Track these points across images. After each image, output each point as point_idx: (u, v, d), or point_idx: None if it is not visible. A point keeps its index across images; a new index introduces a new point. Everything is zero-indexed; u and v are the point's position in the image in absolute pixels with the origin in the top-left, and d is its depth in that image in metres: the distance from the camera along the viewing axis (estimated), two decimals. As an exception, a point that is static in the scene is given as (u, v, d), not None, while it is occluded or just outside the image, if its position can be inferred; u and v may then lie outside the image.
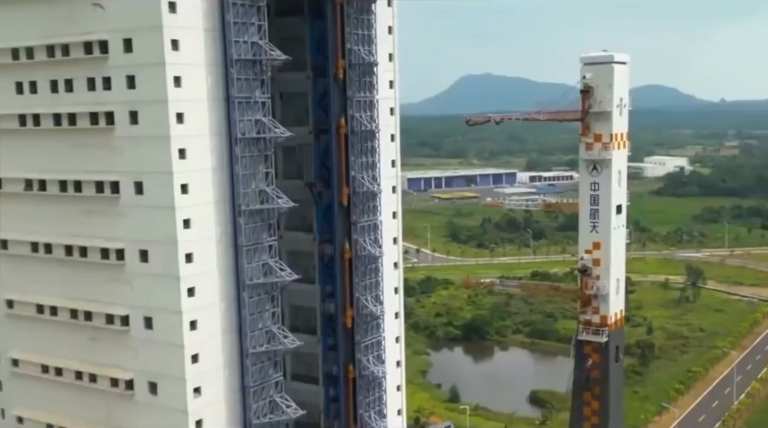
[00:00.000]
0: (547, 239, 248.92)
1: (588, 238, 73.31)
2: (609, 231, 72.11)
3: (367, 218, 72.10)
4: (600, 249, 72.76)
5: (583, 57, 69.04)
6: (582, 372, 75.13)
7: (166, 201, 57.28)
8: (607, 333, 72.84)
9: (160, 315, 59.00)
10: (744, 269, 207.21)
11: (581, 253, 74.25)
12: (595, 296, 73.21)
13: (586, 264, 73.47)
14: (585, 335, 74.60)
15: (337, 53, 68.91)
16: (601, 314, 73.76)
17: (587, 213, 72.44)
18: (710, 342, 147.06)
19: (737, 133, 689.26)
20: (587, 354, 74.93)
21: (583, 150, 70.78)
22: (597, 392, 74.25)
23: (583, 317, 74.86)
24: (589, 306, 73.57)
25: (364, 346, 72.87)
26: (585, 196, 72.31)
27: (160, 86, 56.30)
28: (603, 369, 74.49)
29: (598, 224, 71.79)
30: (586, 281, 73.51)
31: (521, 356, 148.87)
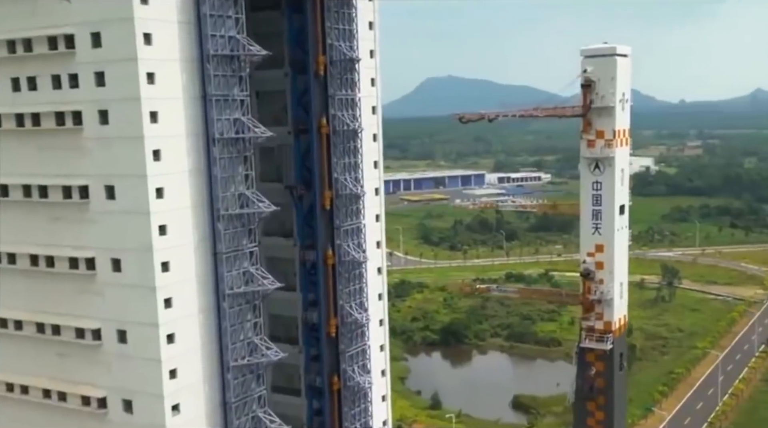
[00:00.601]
0: (519, 240, 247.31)
1: (590, 240, 69.97)
2: (612, 233, 68.76)
3: (350, 222, 68.91)
4: (603, 252, 69.38)
5: (583, 50, 65.76)
6: (585, 382, 71.77)
7: (140, 206, 53.48)
8: (612, 340, 69.67)
9: (135, 328, 55.15)
10: (716, 268, 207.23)
11: (583, 256, 70.79)
12: (598, 302, 69.92)
13: (588, 268, 70.09)
14: (588, 342, 71.14)
15: (317, 49, 65.63)
16: (605, 320, 70.46)
17: (589, 214, 69.01)
18: (689, 342, 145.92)
19: (699, 133, 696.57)
20: (590, 362, 71.61)
21: (585, 148, 67.47)
22: (601, 402, 70.94)
23: (586, 324, 71.41)
24: (592, 312, 70.23)
25: (348, 356, 69.71)
26: (586, 196, 68.91)
27: (132, 83, 52.49)
28: (607, 377, 71.22)
29: (600, 226, 68.40)
30: (588, 286, 70.14)
31: (500, 360, 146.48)
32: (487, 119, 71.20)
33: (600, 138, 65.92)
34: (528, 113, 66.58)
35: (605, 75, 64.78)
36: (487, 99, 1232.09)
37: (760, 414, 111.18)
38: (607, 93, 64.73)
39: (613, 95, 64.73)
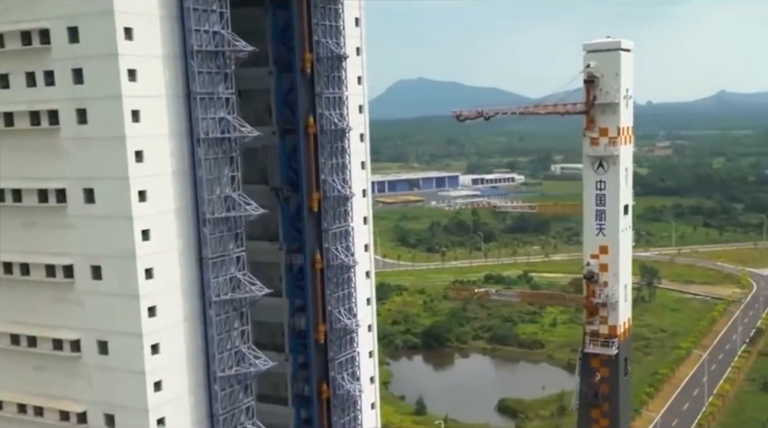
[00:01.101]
0: (496, 242, 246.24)
1: (594, 242, 67.47)
2: (617, 234, 66.41)
3: (338, 225, 66.65)
4: (608, 253, 66.93)
5: (586, 44, 63.47)
6: (589, 388, 69.54)
7: (122, 210, 50.74)
8: (617, 345, 67.53)
9: (117, 339, 52.35)
10: (693, 268, 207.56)
11: (586, 258, 68.39)
12: (603, 305, 67.60)
13: (592, 270, 67.64)
14: (592, 347, 68.82)
15: (303, 46, 63.30)
16: (610, 324, 68.05)
17: (593, 214, 66.54)
18: (672, 342, 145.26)
19: (667, 134, 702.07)
20: (595, 367, 69.42)
21: (588, 146, 65.27)
22: (606, 409, 68.78)
23: (590, 328, 68.98)
24: (596, 316, 67.87)
25: (338, 363, 67.39)
26: (590, 196, 66.53)
27: (113, 80, 49.80)
28: (612, 383, 69.01)
29: (605, 227, 66.06)
30: (593, 289, 67.82)
31: (483, 362, 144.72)
32: (484, 117, 69.02)
33: (604, 136, 63.77)
34: (529, 110, 64.38)
35: (609, 70, 62.52)
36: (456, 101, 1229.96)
37: (747, 415, 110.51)
38: (611, 89, 62.58)
39: (617, 91, 62.60)
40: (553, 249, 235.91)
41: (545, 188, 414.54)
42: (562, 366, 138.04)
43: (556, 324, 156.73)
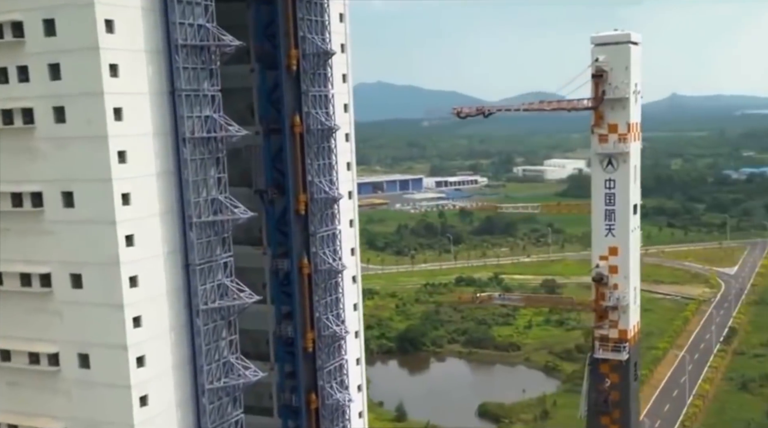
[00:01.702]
0: (465, 244, 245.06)
1: (603, 243, 65.23)
2: (627, 234, 64.24)
3: (326, 228, 64.15)
4: (618, 255, 64.75)
5: (594, 37, 61.11)
6: (599, 395, 67.42)
7: (105, 214, 47.64)
8: (628, 350, 65.47)
9: (100, 351, 49.17)
10: (661, 268, 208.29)
11: (594, 260, 66.21)
12: (613, 308, 65.44)
13: (601, 272, 65.49)
14: (602, 352, 66.63)
15: (289, 42, 60.69)
16: (620, 328, 65.75)
17: (602, 214, 64.35)
18: (647, 342, 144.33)
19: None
20: (604, 373, 67.38)
21: (596, 143, 62.94)
22: (617, 416, 66.70)
23: (599, 333, 66.67)
24: (605, 320, 65.76)
25: (327, 371, 64.82)
26: (598, 195, 64.26)
27: (94, 76, 46.72)
28: (623, 389, 66.85)
29: (614, 227, 63.93)
30: (602, 292, 65.65)
31: (460, 366, 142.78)
32: (484, 114, 66.83)
33: (613, 132, 61.68)
34: (534, 106, 62.19)
35: (618, 64, 60.31)
36: (415, 105, 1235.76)
37: (729, 415, 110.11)
38: (621, 83, 60.42)
39: (627, 86, 60.40)
40: (522, 251, 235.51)
41: (509, 190, 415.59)
42: (540, 369, 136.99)
43: (532, 326, 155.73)
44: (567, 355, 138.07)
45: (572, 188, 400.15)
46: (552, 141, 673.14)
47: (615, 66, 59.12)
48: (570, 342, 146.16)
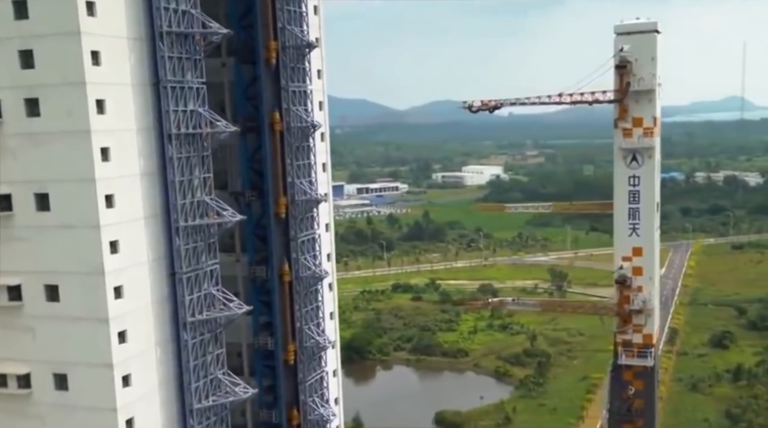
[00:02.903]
0: (396, 250, 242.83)
1: (626, 243, 62.22)
2: (652, 234, 61.41)
3: (306, 232, 60.35)
4: (642, 255, 62.04)
5: (617, 26, 58.45)
6: (623, 403, 64.75)
7: (86, 218, 42.81)
8: (654, 355, 63.05)
9: (80, 371, 44.18)
10: (593, 271, 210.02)
11: (617, 261, 63.43)
12: (638, 312, 62.92)
13: (624, 274, 62.86)
14: (626, 359, 63.79)
15: (268, 34, 56.79)
16: (645, 332, 62.74)
17: (625, 213, 61.33)
18: (593, 345, 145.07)
19: (535, 143, 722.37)
20: (628, 381, 64.69)
21: (620, 138, 59.78)
22: (640, 424, 64.15)
23: (622, 338, 64.05)
24: (629, 324, 63.16)
25: (308, 385, 60.96)
26: (622, 193, 61.13)
27: (74, 64, 41.97)
28: (647, 397, 64.13)
29: (638, 226, 61.08)
30: (626, 295, 63.01)
31: (408, 374, 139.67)
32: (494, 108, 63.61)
33: (638, 126, 59.18)
34: (553, 99, 59.39)
35: (644, 54, 57.51)
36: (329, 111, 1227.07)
37: (685, 416, 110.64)
38: (647, 74, 57.55)
39: (653, 77, 57.81)
40: (455, 256, 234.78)
41: (430, 196, 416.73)
42: (491, 375, 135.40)
43: (477, 331, 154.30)
44: (516, 360, 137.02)
45: (493, 194, 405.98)
46: (466, 148, 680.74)
47: (640, 56, 56.90)
48: (516, 346, 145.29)
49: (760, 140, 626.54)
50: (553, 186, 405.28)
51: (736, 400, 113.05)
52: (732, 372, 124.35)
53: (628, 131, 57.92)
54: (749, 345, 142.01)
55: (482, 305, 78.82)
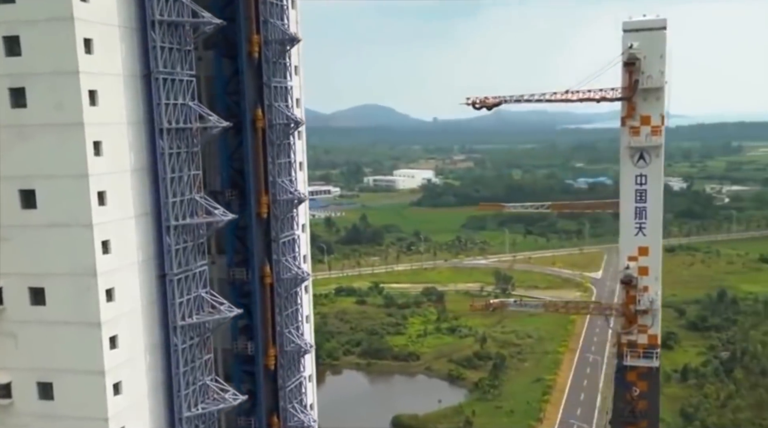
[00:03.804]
0: (336, 254, 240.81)
1: (632, 242, 61.16)
2: (659, 233, 61.01)
3: (287, 233, 58.57)
4: (648, 255, 60.95)
5: (625, 22, 57.93)
6: (626, 404, 64.25)
7: (78, 216, 40.32)
8: (659, 356, 62.81)
9: (68, 379, 41.60)
10: (533, 274, 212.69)
11: (623, 261, 62.76)
12: (644, 312, 62.48)
13: (630, 274, 62.42)
14: (631, 359, 62.79)
15: (251, 27, 54.98)
16: (650, 333, 62.05)
17: (631, 212, 60.64)
18: (541, 347, 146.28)
19: (461, 148, 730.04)
20: (632, 382, 63.76)
21: (627, 136, 59.13)
22: (644, 426, 63.89)
23: (627, 338, 62.98)
24: (634, 324, 62.73)
25: (288, 390, 59.15)
26: (628, 192, 60.29)
27: (66, 51, 39.51)
28: (652, 398, 63.67)
29: (645, 226, 60.61)
30: (632, 295, 62.61)
31: (359, 378, 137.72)
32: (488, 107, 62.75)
33: (645, 124, 58.95)
34: (559, 97, 58.65)
35: (653, 51, 57.31)
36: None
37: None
38: (655, 72, 57.38)
39: (662, 75, 57.56)
40: (396, 259, 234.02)
41: (363, 199, 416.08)
42: (443, 378, 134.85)
43: (426, 334, 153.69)
44: (468, 363, 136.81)
45: (427, 198, 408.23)
46: (395, 152, 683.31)
47: (649, 54, 56.85)
48: (466, 349, 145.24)
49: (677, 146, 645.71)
50: (485, 190, 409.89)
51: (688, 399, 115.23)
52: (680, 372, 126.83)
53: (636, 129, 57.93)
54: (692, 346, 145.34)
55: (484, 306, 77.50)
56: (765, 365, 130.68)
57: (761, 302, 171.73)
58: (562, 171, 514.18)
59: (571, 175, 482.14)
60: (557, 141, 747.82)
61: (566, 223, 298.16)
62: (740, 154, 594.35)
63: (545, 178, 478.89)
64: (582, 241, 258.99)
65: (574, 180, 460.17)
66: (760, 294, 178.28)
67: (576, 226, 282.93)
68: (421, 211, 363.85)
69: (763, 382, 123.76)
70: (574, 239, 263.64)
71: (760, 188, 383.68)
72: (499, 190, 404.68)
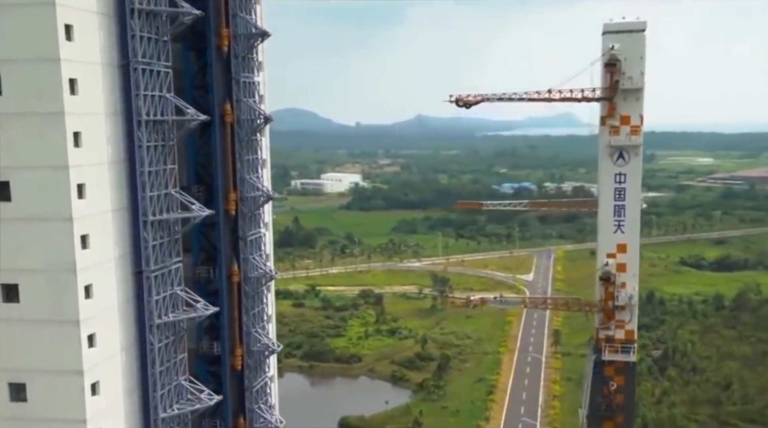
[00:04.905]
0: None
1: (611, 240, 62.29)
2: (637, 231, 62.30)
3: (254, 231, 57.60)
4: (626, 252, 62.35)
5: (606, 24, 59.29)
6: (603, 398, 65.16)
7: (58, 210, 38.66)
8: (635, 351, 63.87)
9: (43, 380, 39.76)
10: (466, 276, 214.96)
11: (601, 258, 63.62)
12: (622, 308, 63.71)
13: (609, 271, 63.33)
14: (610, 354, 63.98)
15: (220, 19, 53.76)
16: (627, 328, 63.62)
17: (610, 210, 61.56)
18: (481, 348, 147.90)
19: (386, 153, 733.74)
20: (609, 376, 64.93)
21: (607, 135, 60.50)
22: (620, 420, 64.58)
23: (605, 334, 64.28)
24: (612, 320, 63.79)
25: (255, 391, 58.11)
26: (607, 190, 61.60)
27: (47, 37, 37.88)
28: (628, 392, 64.91)
29: (623, 223, 61.60)
30: (610, 291, 63.66)
31: (301, 381, 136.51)
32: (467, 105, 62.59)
33: (625, 124, 60.34)
34: (541, 95, 59.04)
35: (633, 53, 58.58)
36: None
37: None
38: (635, 73, 58.70)
39: (642, 76, 59.04)
40: (330, 262, 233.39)
41: (292, 202, 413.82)
42: (386, 379, 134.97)
43: (367, 336, 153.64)
44: (410, 364, 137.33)
45: (356, 201, 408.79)
46: (320, 156, 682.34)
47: (629, 55, 58.06)
48: (406, 350, 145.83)
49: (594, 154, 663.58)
50: (413, 193, 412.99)
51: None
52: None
53: (616, 129, 59.14)
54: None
55: (465, 303, 77.16)
56: (695, 362, 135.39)
57: (685, 303, 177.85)
58: (487, 176, 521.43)
59: (496, 180, 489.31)
60: (478, 147, 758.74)
61: (495, 227, 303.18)
62: (653, 162, 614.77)
63: (471, 183, 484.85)
64: (512, 244, 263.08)
65: (500, 185, 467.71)
66: (683, 295, 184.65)
67: (505, 230, 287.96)
68: (350, 214, 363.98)
69: (694, 379, 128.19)
70: (503, 243, 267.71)
71: (674, 194, 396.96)
72: (427, 194, 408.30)
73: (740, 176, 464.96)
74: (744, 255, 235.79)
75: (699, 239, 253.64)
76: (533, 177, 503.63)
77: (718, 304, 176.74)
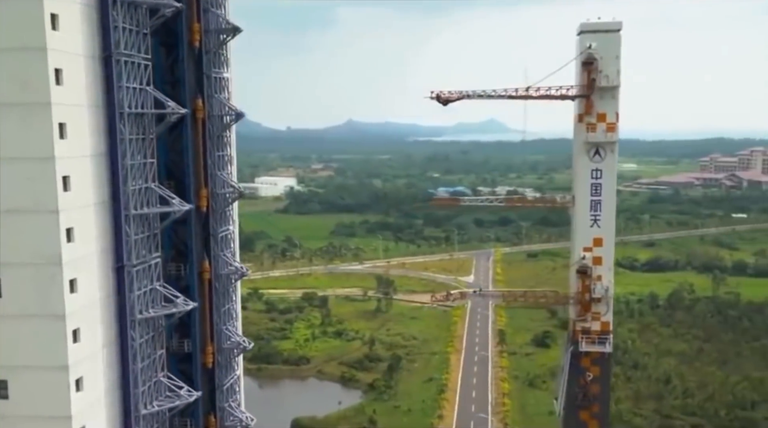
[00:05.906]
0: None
1: (587, 234, 63.80)
2: (612, 225, 63.76)
3: (224, 228, 57.34)
4: (602, 246, 63.92)
5: (582, 24, 60.65)
6: (579, 389, 66.27)
7: (43, 202, 38.09)
8: (611, 342, 65.37)
9: (26, 376, 39.05)
10: (408, 278, 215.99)
11: (578, 252, 64.74)
12: (598, 300, 65.11)
13: (586, 264, 64.63)
14: (586, 345, 65.29)
15: (192, 14, 53.38)
16: (603, 320, 65.27)
17: (587, 205, 62.89)
18: (428, 348, 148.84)
19: (319, 157, 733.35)
20: (586, 367, 66.17)
21: (583, 132, 61.97)
22: (595, 410, 66.00)
23: (581, 326, 65.49)
24: (588, 312, 65.11)
25: (225, 389, 57.75)
26: (583, 185, 63.15)
27: (33, 26, 37.27)
28: (603, 383, 66.34)
29: (599, 217, 63.01)
30: (587, 284, 64.88)
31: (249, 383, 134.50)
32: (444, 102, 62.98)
33: (601, 121, 61.63)
34: (519, 93, 59.94)
35: (609, 52, 60.38)
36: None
37: (530, 410, 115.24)
38: (611, 72, 60.42)
39: (617, 74, 60.81)
40: (272, 265, 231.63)
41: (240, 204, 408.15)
42: (335, 380, 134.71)
43: (313, 338, 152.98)
44: (359, 365, 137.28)
45: (293, 205, 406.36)
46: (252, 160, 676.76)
47: (605, 54, 59.66)
48: (354, 351, 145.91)
49: (523, 159, 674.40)
50: (350, 197, 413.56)
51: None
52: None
53: (592, 126, 60.74)
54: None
55: (445, 297, 77.25)
56: (636, 359, 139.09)
57: (623, 302, 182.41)
58: (421, 181, 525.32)
59: (430, 184, 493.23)
60: (411, 152, 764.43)
61: (433, 230, 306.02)
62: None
63: (406, 187, 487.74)
64: (450, 247, 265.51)
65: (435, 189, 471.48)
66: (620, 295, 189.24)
67: (443, 233, 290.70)
68: (288, 218, 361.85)
69: (636, 375, 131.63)
70: (442, 246, 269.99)
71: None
72: (363, 198, 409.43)
73: (664, 182, 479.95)
74: (674, 256, 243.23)
75: (630, 242, 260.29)
76: (466, 181, 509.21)
77: (653, 303, 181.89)
